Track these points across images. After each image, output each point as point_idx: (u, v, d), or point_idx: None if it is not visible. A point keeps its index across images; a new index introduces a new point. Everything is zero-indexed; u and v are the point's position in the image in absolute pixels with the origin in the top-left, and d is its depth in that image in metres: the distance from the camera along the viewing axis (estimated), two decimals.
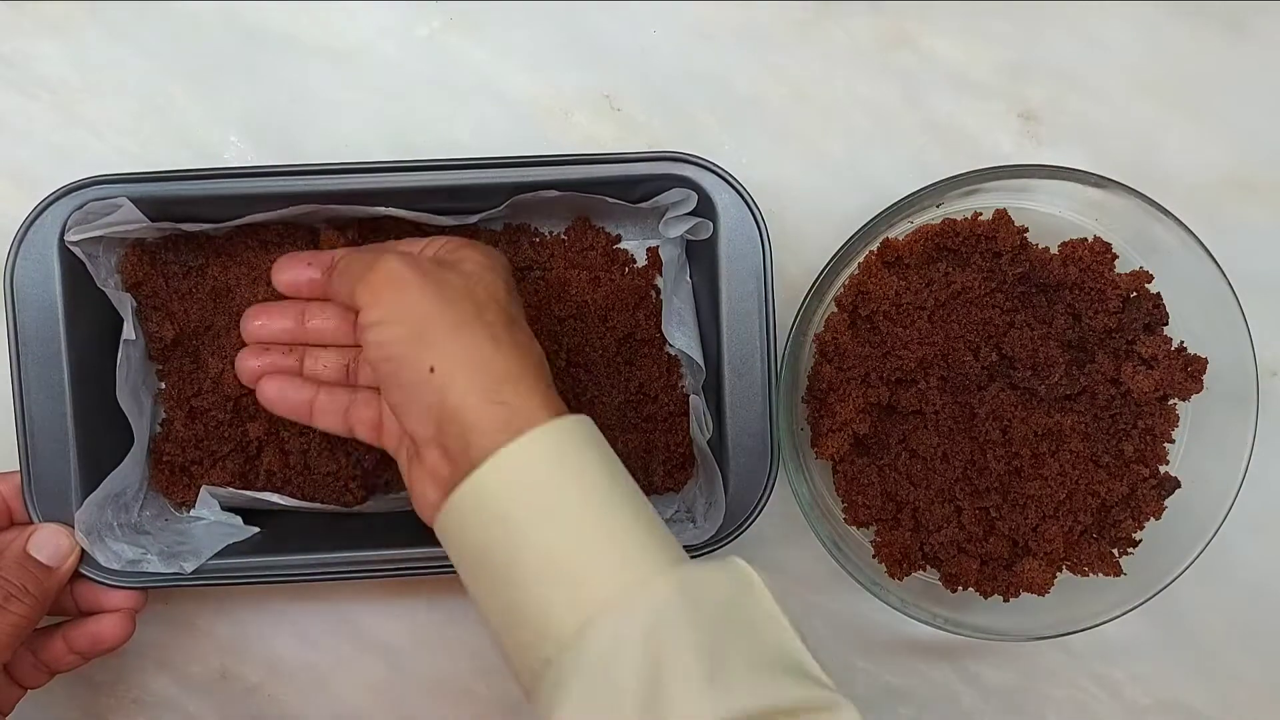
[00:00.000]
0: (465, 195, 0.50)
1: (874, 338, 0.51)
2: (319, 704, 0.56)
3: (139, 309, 0.52)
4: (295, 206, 0.48)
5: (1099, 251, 0.50)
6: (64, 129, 0.54)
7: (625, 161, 0.49)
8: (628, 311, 0.53)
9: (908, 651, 0.57)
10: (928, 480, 0.51)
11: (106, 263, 0.50)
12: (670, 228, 0.50)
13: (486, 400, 0.39)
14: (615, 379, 0.53)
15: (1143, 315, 0.50)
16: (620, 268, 0.53)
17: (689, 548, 0.49)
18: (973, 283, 0.50)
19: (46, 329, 0.47)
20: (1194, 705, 0.58)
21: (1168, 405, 0.51)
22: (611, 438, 0.52)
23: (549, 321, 0.53)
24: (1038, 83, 0.55)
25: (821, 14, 0.55)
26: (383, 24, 0.54)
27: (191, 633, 0.55)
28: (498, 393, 0.39)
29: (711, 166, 0.48)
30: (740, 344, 0.49)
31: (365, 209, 0.49)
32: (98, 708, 0.55)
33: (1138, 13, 0.55)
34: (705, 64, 0.55)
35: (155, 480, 0.52)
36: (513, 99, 0.55)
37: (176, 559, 0.49)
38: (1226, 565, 0.56)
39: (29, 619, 0.46)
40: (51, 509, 0.48)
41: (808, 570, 0.56)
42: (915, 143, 0.55)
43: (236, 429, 0.53)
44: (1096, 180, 0.49)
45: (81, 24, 0.54)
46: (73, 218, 0.47)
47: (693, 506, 0.51)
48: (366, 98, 0.54)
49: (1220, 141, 0.56)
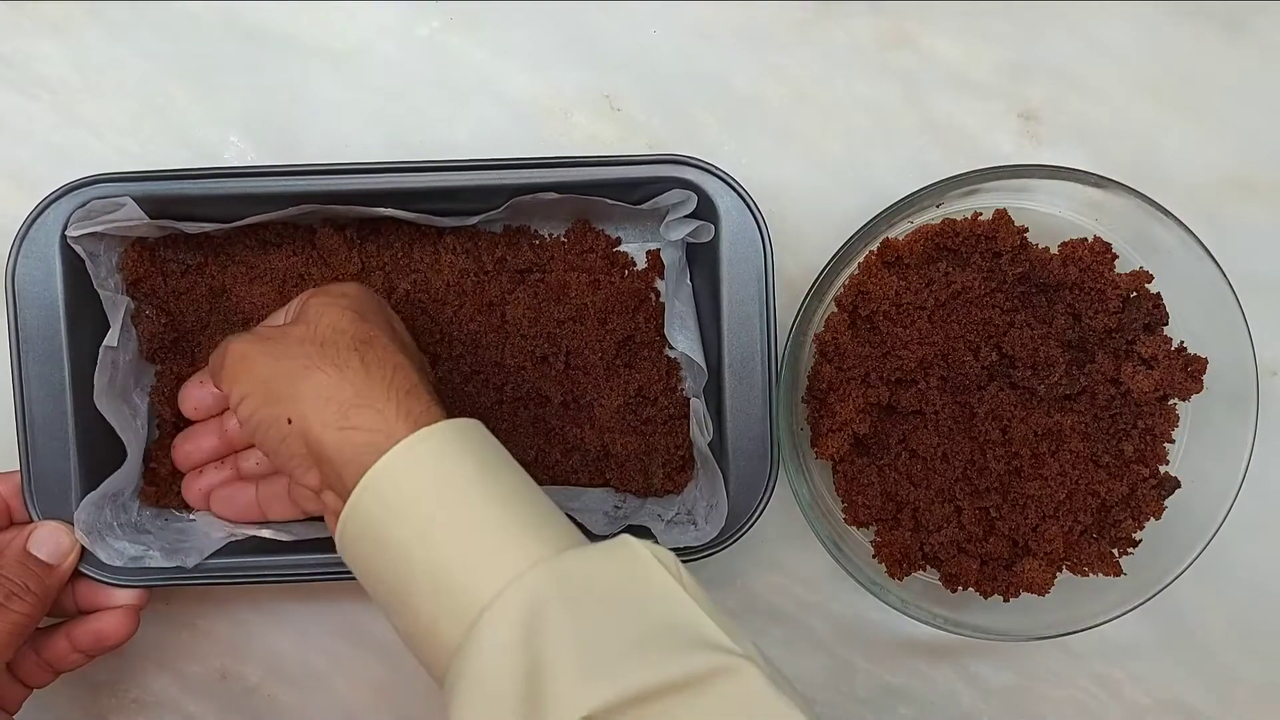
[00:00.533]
0: (465, 196, 0.50)
1: (874, 338, 0.51)
2: (319, 704, 0.56)
3: (138, 307, 0.52)
4: (295, 207, 0.48)
5: (1099, 251, 0.50)
6: (64, 129, 0.54)
7: (626, 164, 0.49)
8: (627, 314, 0.53)
9: (908, 651, 0.57)
10: (928, 480, 0.51)
11: (107, 261, 0.50)
12: (671, 230, 0.50)
13: (342, 430, 0.40)
14: (615, 382, 0.53)
15: (1143, 315, 0.50)
16: (620, 270, 0.53)
17: (690, 550, 0.49)
18: (973, 283, 0.50)
19: (47, 327, 0.47)
20: (1194, 705, 0.58)
21: (1168, 405, 0.51)
22: (611, 440, 0.53)
23: (548, 324, 0.53)
24: (1038, 83, 0.55)
25: (821, 14, 0.55)
26: (383, 24, 0.54)
27: (191, 633, 0.55)
28: (348, 419, 0.40)
29: (712, 169, 0.48)
30: (741, 345, 0.49)
31: (364, 209, 0.49)
32: (98, 708, 0.55)
33: (1138, 13, 0.55)
34: (705, 64, 0.55)
35: (145, 495, 0.52)
36: (513, 99, 0.55)
37: (178, 554, 0.49)
38: (1226, 565, 0.56)
39: (31, 617, 0.46)
40: (51, 508, 0.48)
41: (808, 570, 0.56)
42: (915, 143, 0.55)
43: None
44: (1096, 180, 0.49)
45: (81, 24, 0.54)
46: (75, 214, 0.47)
47: (693, 509, 0.51)
48: (366, 98, 0.54)
49: (1220, 141, 0.56)
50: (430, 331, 0.52)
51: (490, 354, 0.53)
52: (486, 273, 0.53)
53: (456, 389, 0.53)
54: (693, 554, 0.49)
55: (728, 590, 0.56)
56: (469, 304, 0.53)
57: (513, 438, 0.53)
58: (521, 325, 0.52)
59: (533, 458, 0.53)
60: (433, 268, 0.52)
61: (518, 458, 0.52)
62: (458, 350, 0.53)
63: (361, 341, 0.42)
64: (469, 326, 0.53)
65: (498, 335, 0.53)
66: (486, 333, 0.53)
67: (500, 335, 0.53)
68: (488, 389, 0.53)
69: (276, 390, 0.41)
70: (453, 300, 0.53)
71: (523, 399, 0.53)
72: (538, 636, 0.36)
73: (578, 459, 0.53)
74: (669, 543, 0.49)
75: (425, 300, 0.52)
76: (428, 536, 0.38)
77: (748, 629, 0.56)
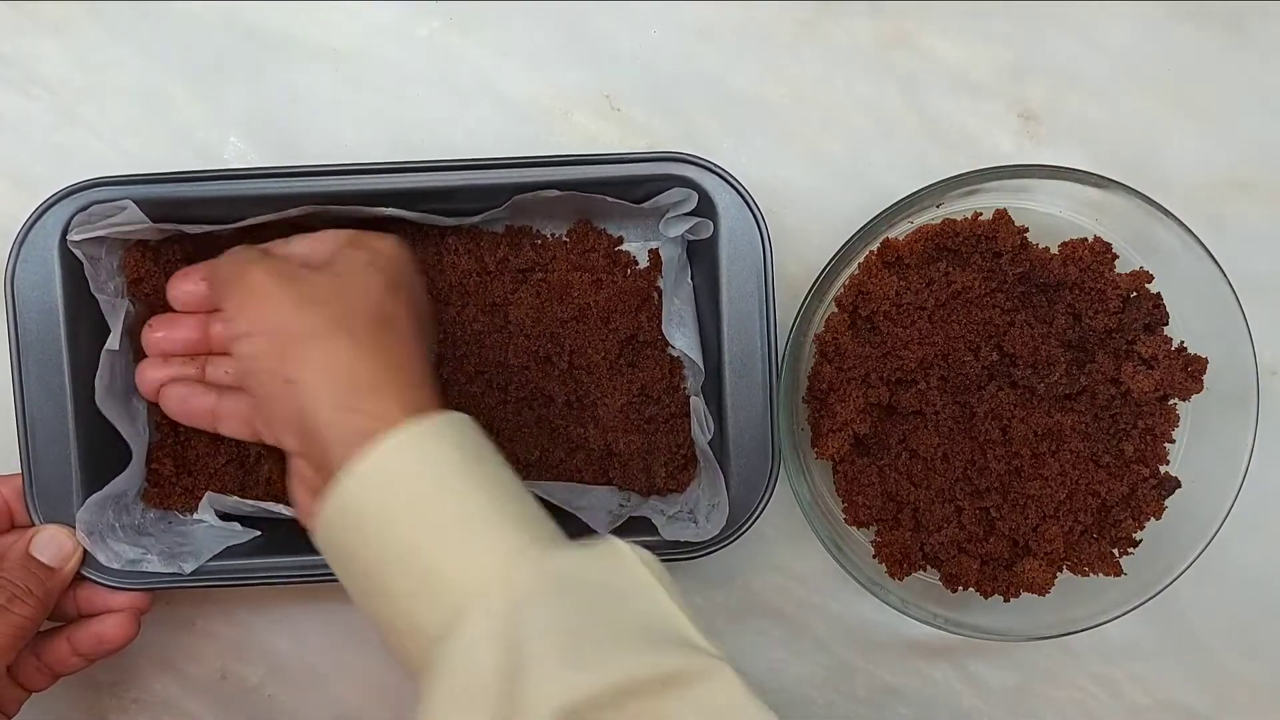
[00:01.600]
0: (466, 196, 0.50)
1: (874, 338, 0.51)
2: (319, 704, 0.56)
3: (136, 310, 0.52)
4: (296, 209, 0.48)
5: (1099, 251, 0.50)
6: (64, 129, 0.54)
7: (626, 162, 0.49)
8: (630, 313, 0.53)
9: (908, 651, 0.57)
10: (928, 480, 0.51)
11: (108, 264, 0.50)
12: (670, 227, 0.50)
13: (342, 410, 0.39)
14: (618, 381, 0.53)
15: (1143, 315, 0.50)
16: (622, 269, 0.53)
17: (690, 547, 0.49)
18: (973, 283, 0.50)
19: (47, 330, 0.47)
20: (1194, 705, 0.58)
21: (1168, 405, 0.51)
22: (614, 439, 0.53)
23: (551, 323, 0.53)
24: (1038, 83, 0.55)
25: (821, 14, 0.55)
26: (383, 24, 0.54)
27: (191, 633, 0.55)
28: (354, 401, 0.39)
29: (712, 166, 0.48)
30: (741, 344, 0.49)
31: (365, 209, 0.49)
32: (99, 708, 0.55)
33: (1138, 13, 0.55)
34: (705, 64, 0.55)
35: (148, 496, 0.52)
36: (513, 99, 0.55)
37: (176, 559, 0.49)
38: (1226, 565, 0.56)
39: (33, 620, 0.46)
40: (52, 511, 0.48)
41: (808, 570, 0.56)
42: (915, 143, 0.55)
43: (232, 440, 0.52)
44: (1097, 180, 0.49)
45: (81, 24, 0.54)
46: (76, 218, 0.47)
47: (695, 507, 0.51)
48: (366, 98, 0.54)
49: (1220, 141, 0.56)
50: (434, 331, 0.52)
51: (494, 354, 0.53)
52: (489, 273, 0.53)
53: (461, 389, 0.53)
54: (693, 551, 0.49)
55: (728, 590, 0.56)
56: (472, 304, 0.53)
57: (517, 437, 0.53)
58: (525, 325, 0.53)
59: (537, 457, 0.53)
60: (436, 268, 0.52)
61: (522, 457, 0.52)
62: (462, 350, 0.53)
63: (384, 319, 0.42)
64: (473, 326, 0.53)
65: (501, 335, 0.53)
66: (490, 332, 0.53)
67: (504, 335, 0.53)
68: (492, 389, 0.53)
69: (284, 345, 0.40)
70: (456, 300, 0.53)
71: (527, 399, 0.53)
72: (520, 628, 0.36)
73: (581, 458, 0.53)
74: (671, 535, 0.49)
75: (435, 300, 0.52)
76: (413, 526, 0.38)
77: (748, 629, 0.56)
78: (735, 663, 0.37)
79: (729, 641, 0.56)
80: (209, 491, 0.52)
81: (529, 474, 0.53)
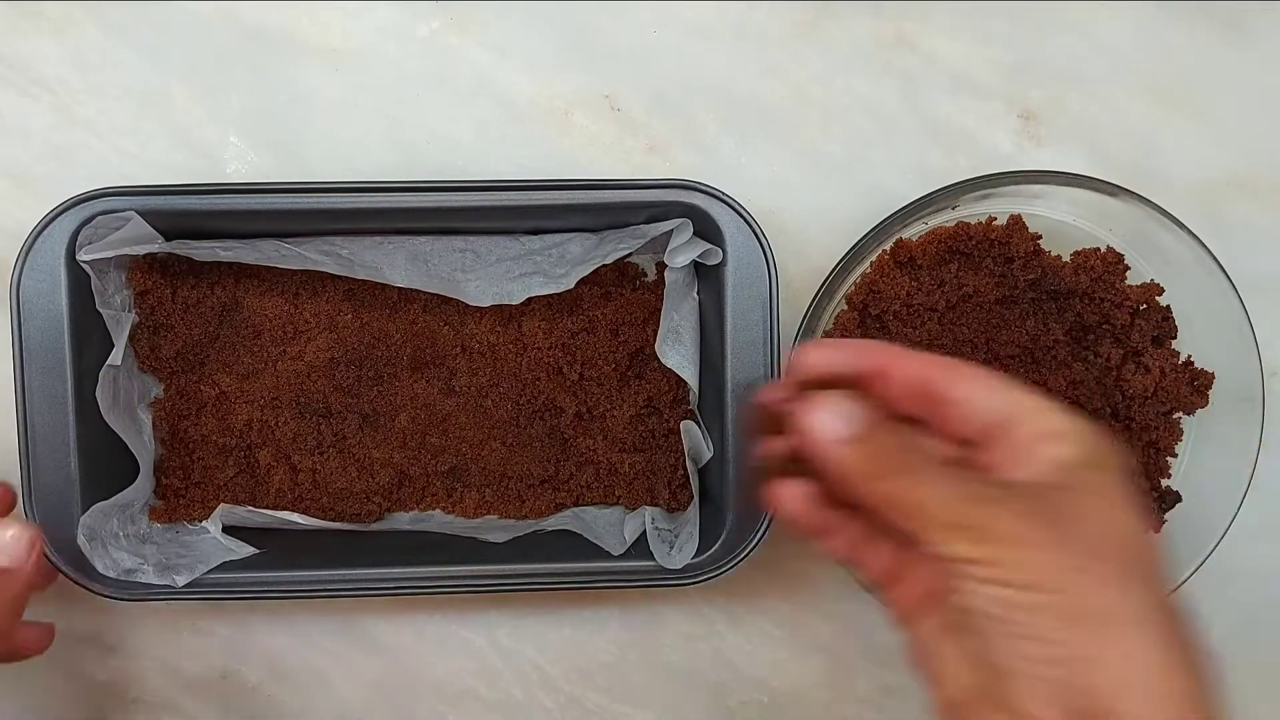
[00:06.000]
0: (471, 216, 0.50)
1: (884, 337, 0.51)
2: (319, 704, 0.56)
3: (140, 323, 0.51)
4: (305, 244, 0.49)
5: (1111, 262, 0.50)
6: (64, 129, 0.54)
7: (634, 188, 0.48)
8: (638, 326, 0.53)
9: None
10: None
11: (116, 277, 0.50)
12: (675, 257, 0.50)
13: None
14: (626, 393, 0.53)
15: (1151, 328, 0.50)
16: (630, 282, 0.54)
17: (693, 570, 0.49)
18: (984, 286, 0.50)
19: (51, 340, 0.47)
20: None
21: (1171, 419, 0.51)
22: (620, 460, 0.53)
23: (562, 335, 0.53)
24: (1038, 83, 0.55)
25: (821, 14, 0.55)
26: (383, 24, 0.54)
27: (191, 633, 0.55)
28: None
29: (720, 195, 0.48)
30: (745, 372, 0.49)
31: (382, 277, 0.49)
32: (98, 708, 0.55)
33: (1138, 13, 0.55)
34: (705, 64, 0.55)
35: (154, 512, 0.52)
36: (512, 99, 0.55)
37: (170, 571, 0.48)
38: (1228, 572, 0.55)
39: None
40: (52, 520, 0.48)
41: (808, 570, 0.56)
42: (915, 143, 0.55)
43: (241, 452, 0.53)
44: (1110, 189, 0.49)
45: (81, 24, 0.53)
46: (83, 234, 0.47)
47: (679, 532, 0.51)
48: (366, 98, 0.54)
49: (1220, 141, 0.56)
50: (451, 344, 0.53)
51: (508, 365, 0.53)
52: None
53: (475, 401, 0.53)
54: (695, 576, 0.49)
55: (727, 589, 0.56)
56: (488, 316, 0.53)
57: (530, 450, 0.53)
58: (536, 337, 0.53)
59: (551, 472, 0.54)
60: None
61: (536, 473, 0.53)
62: (477, 362, 0.53)
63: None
64: (488, 339, 0.53)
65: (515, 347, 0.53)
66: (504, 344, 0.53)
67: (517, 347, 0.53)
68: (505, 401, 0.53)
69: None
70: (472, 312, 0.53)
71: (539, 411, 0.54)
72: None
73: (590, 473, 0.54)
74: (653, 548, 0.49)
75: (449, 312, 0.53)
76: None
77: (747, 629, 0.56)
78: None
79: (729, 641, 0.56)
80: (221, 504, 0.52)
81: (541, 491, 0.54)
